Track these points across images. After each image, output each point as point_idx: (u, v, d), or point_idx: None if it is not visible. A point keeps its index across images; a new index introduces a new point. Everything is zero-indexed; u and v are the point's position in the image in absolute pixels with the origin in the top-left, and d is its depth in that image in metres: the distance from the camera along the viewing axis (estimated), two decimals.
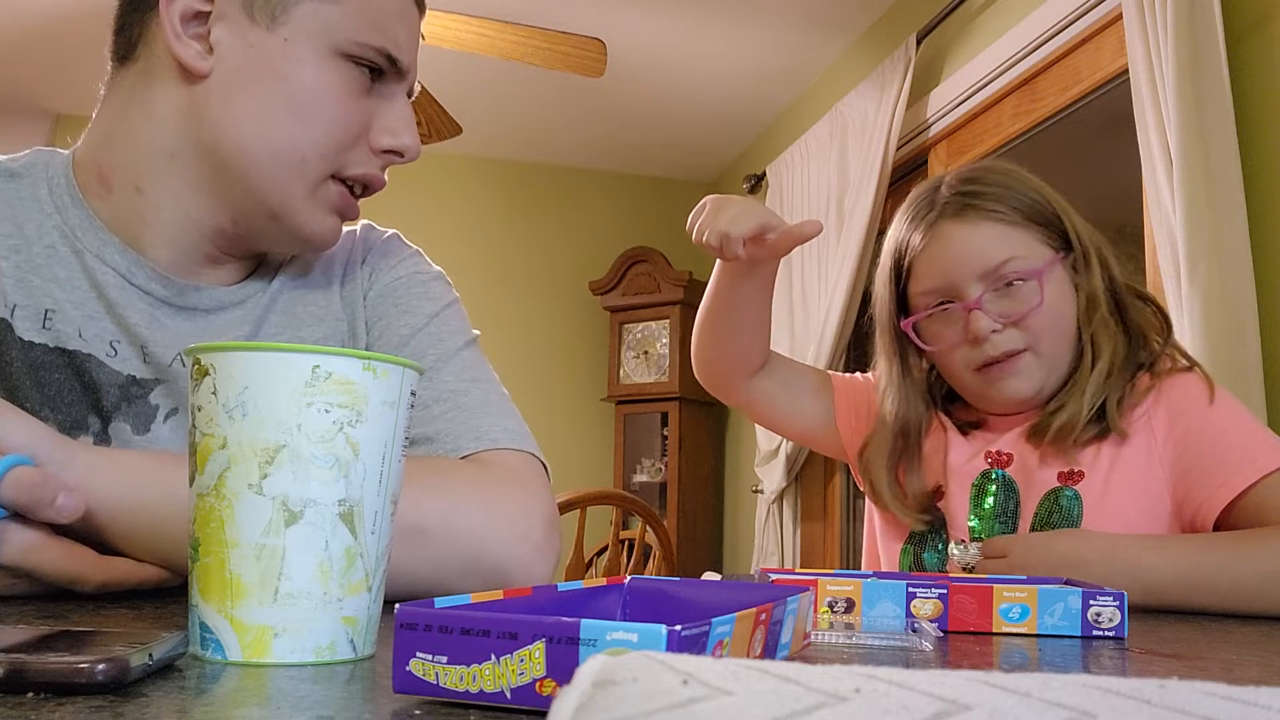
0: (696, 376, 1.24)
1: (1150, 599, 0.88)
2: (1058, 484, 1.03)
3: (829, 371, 1.26)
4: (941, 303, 1.09)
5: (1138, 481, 1.02)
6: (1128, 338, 1.08)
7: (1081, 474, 1.02)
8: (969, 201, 1.08)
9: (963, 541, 1.03)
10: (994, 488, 1.07)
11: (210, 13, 0.76)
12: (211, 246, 0.82)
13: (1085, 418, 1.03)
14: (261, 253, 0.87)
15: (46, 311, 0.77)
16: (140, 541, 0.62)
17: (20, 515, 0.57)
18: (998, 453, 1.06)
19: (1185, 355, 1.09)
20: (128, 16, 0.80)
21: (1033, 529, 1.04)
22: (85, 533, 0.61)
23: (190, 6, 0.76)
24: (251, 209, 0.79)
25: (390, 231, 0.96)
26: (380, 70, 0.80)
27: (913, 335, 1.13)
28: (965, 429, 1.14)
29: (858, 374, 1.26)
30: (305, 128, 0.77)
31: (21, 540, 0.57)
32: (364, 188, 0.83)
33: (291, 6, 0.76)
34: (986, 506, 1.07)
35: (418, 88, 0.86)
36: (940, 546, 1.09)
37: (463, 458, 0.78)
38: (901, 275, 1.14)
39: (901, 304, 1.15)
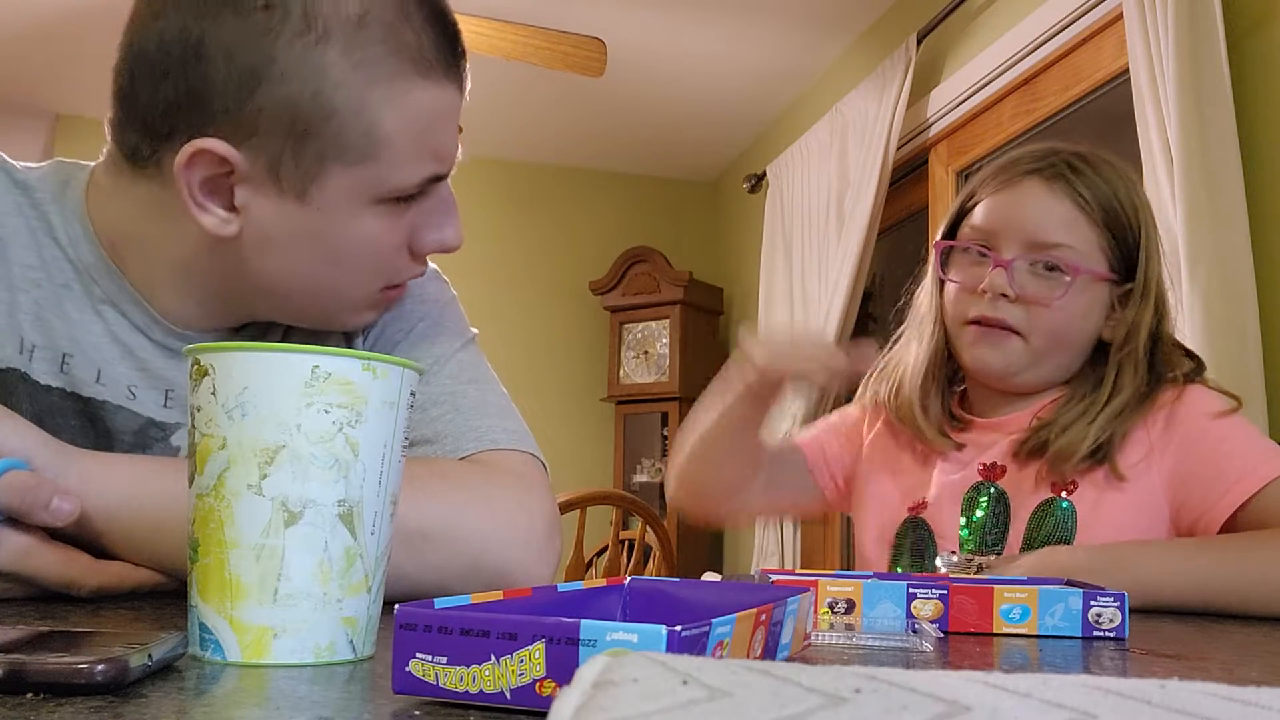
0: (679, 505, 1.20)
1: (1146, 601, 0.88)
2: (1051, 494, 1.02)
3: (798, 443, 1.23)
4: (981, 247, 1.07)
5: (1134, 492, 1.01)
6: (1150, 380, 1.04)
7: (1075, 484, 1.01)
8: (1067, 173, 1.05)
9: (952, 553, 1.02)
10: (985, 500, 1.06)
11: (230, 176, 0.70)
12: (230, 318, 0.81)
13: (1087, 449, 1.01)
14: None
15: (64, 356, 0.76)
16: (136, 545, 0.62)
17: (15, 520, 0.57)
18: (991, 464, 1.05)
19: (1212, 385, 1.06)
20: (132, 124, 0.72)
21: (1025, 540, 1.02)
22: (81, 537, 0.61)
23: (210, 172, 0.69)
24: (290, 321, 0.80)
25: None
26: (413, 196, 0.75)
27: (936, 256, 1.11)
28: (961, 426, 1.13)
29: (829, 418, 1.24)
30: (348, 274, 0.75)
31: (16, 544, 0.57)
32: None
33: (323, 178, 0.70)
34: (977, 518, 1.06)
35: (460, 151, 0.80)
36: (929, 557, 1.08)
37: (462, 459, 0.78)
38: (966, 204, 1.12)
39: (952, 232, 1.13)
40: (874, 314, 3.31)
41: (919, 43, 2.79)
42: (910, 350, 1.15)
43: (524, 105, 4.00)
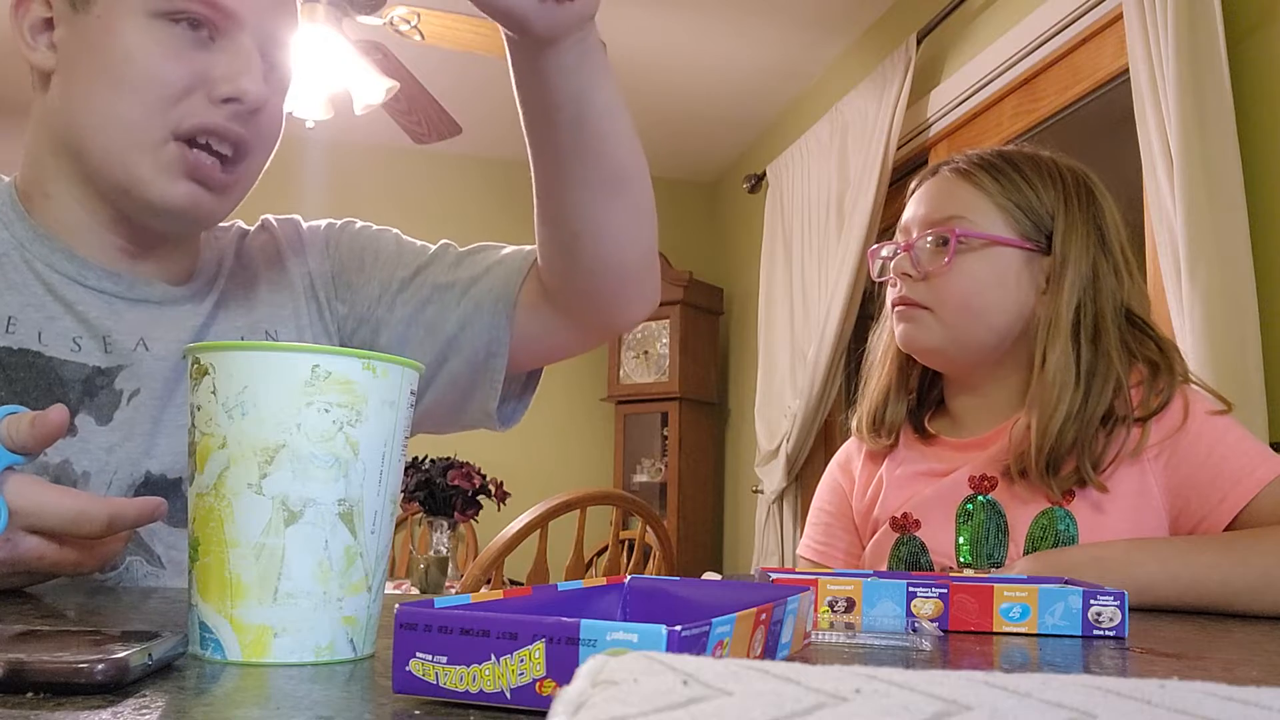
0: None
1: (1143, 599, 0.88)
2: (1048, 504, 1.02)
3: (815, 560, 1.24)
4: (898, 243, 1.13)
5: (1132, 500, 1.00)
6: (1096, 371, 1.01)
7: (1073, 493, 1.01)
8: (968, 166, 1.10)
9: (949, 568, 1.01)
10: (975, 511, 1.05)
11: (52, 18, 0.81)
12: (118, 238, 0.84)
13: (1040, 463, 0.99)
14: (187, 249, 0.90)
15: (9, 319, 0.80)
16: None
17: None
18: (981, 476, 1.05)
19: (1197, 383, 1.05)
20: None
21: (1027, 549, 1.02)
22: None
23: (37, 17, 0.81)
24: (110, 189, 0.81)
25: (293, 216, 1.02)
26: (207, 22, 0.79)
27: (870, 264, 1.17)
28: (929, 438, 1.14)
29: (819, 514, 1.25)
30: (124, 94, 0.78)
31: (21, 481, 0.60)
32: (232, 147, 0.81)
33: None
34: (972, 531, 1.05)
35: (287, 35, 0.85)
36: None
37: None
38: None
39: None
40: (874, 314, 3.31)
41: (919, 43, 2.79)
42: (873, 376, 1.21)
43: None
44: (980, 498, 1.04)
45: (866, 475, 1.18)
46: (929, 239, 1.08)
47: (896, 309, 1.11)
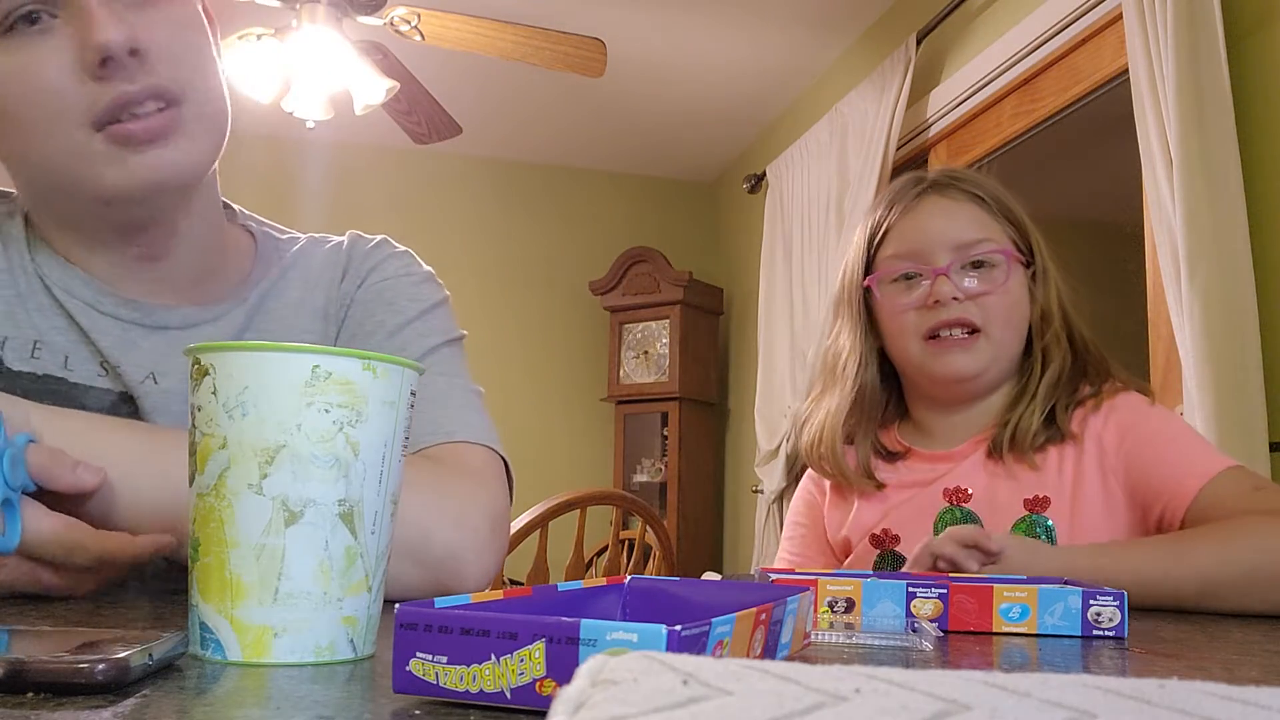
0: None
1: (1142, 601, 0.88)
2: (1026, 511, 1.04)
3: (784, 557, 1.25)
4: (908, 273, 1.12)
5: (1100, 497, 1.04)
6: (1075, 356, 1.11)
7: (1048, 499, 1.03)
8: (954, 182, 1.13)
9: None
10: (951, 522, 1.06)
11: None
12: (130, 245, 0.81)
13: (1038, 423, 1.07)
14: (206, 242, 0.85)
15: (35, 343, 0.79)
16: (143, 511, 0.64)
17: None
18: (956, 489, 1.07)
19: (1127, 380, 1.12)
20: None
21: None
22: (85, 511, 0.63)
23: None
24: (85, 211, 0.78)
25: (378, 237, 0.95)
26: (41, 8, 0.71)
27: (876, 292, 1.15)
28: (895, 457, 1.15)
29: (794, 528, 1.25)
30: (22, 124, 0.73)
31: (26, 507, 0.59)
32: (155, 103, 0.73)
33: None
34: None
35: None
36: None
37: (419, 450, 0.78)
38: (874, 242, 1.16)
39: (869, 270, 1.18)
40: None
41: (919, 43, 2.79)
42: (827, 399, 1.20)
43: (524, 105, 4.00)
44: (957, 510, 1.06)
45: (839, 492, 1.20)
46: (964, 265, 1.09)
47: (939, 341, 1.09)
